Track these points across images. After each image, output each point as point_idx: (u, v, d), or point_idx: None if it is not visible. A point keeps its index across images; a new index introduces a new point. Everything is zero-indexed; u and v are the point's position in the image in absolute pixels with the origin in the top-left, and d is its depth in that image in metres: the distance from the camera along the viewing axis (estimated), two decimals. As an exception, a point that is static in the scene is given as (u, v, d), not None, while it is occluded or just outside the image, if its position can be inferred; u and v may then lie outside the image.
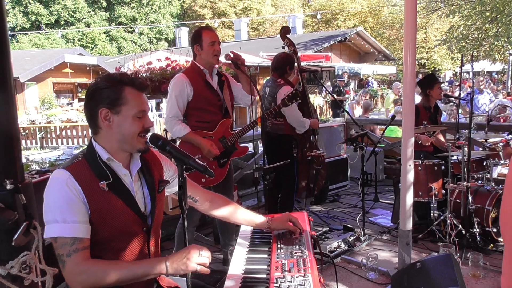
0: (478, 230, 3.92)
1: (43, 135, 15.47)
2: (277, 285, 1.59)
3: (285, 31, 4.40)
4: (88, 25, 33.33)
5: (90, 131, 1.84)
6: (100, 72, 20.91)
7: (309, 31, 34.45)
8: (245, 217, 2.15)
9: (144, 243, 1.81)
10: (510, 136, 4.90)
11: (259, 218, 2.14)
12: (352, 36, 23.21)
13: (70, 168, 1.67)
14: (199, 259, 1.63)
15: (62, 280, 1.67)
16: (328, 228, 4.38)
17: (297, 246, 1.92)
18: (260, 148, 5.72)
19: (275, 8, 40.52)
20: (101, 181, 1.68)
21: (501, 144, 4.45)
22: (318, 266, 1.82)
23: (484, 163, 4.40)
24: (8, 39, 1.87)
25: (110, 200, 1.69)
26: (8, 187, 1.29)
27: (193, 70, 3.35)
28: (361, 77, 23.22)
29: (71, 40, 32.95)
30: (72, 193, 1.61)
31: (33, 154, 12.75)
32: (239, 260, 1.90)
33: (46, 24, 32.92)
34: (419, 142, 4.59)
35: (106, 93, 1.69)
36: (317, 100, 18.01)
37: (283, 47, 4.45)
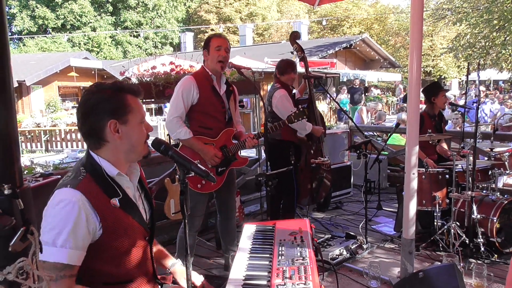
0: (482, 240, 3.89)
1: (48, 138, 15.54)
2: (278, 292, 1.58)
3: (294, 37, 4.40)
4: (94, 29, 33.59)
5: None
6: (105, 76, 20.99)
7: (315, 37, 34.55)
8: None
9: (145, 250, 1.81)
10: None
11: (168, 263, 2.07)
12: (358, 42, 23.21)
13: (80, 187, 1.56)
14: None
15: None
16: (330, 235, 4.35)
17: (299, 253, 1.91)
18: (263, 154, 5.71)
19: (281, 14, 40.70)
20: (110, 197, 1.62)
21: (507, 153, 4.41)
22: (319, 274, 1.81)
23: (489, 172, 4.36)
24: (8, 42, 1.85)
25: (121, 216, 1.65)
26: (5, 192, 1.28)
27: (202, 74, 3.36)
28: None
29: (77, 44, 33.20)
30: (81, 216, 1.51)
31: (38, 157, 12.79)
32: (240, 266, 1.89)
33: (53, 28, 33.21)
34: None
35: (109, 105, 1.61)
36: (321, 106, 18.00)
37: (292, 52, 4.45)
